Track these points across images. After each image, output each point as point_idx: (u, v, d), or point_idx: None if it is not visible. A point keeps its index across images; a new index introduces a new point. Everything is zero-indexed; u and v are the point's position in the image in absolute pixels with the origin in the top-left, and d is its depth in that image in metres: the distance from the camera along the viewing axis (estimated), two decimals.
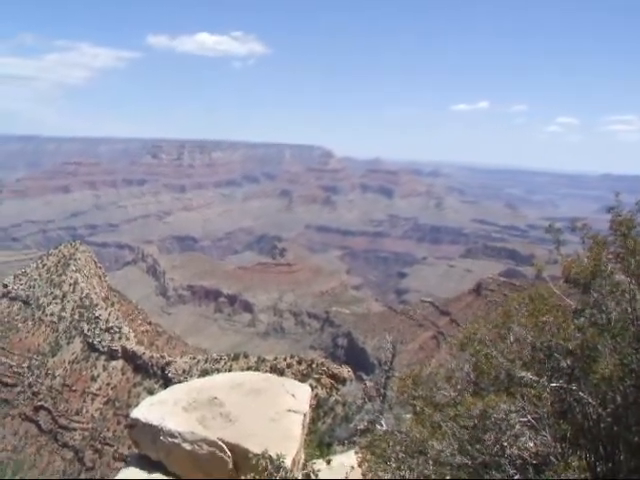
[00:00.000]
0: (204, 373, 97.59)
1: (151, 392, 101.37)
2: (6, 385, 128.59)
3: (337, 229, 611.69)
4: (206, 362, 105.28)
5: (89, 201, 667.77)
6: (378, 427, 12.46)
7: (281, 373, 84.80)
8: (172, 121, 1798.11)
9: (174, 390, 12.23)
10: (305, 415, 11.90)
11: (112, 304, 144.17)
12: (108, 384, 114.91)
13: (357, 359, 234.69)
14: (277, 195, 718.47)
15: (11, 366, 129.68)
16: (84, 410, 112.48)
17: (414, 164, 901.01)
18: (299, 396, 12.52)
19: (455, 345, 10.26)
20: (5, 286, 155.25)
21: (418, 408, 9.80)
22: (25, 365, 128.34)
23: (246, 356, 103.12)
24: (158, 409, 11.24)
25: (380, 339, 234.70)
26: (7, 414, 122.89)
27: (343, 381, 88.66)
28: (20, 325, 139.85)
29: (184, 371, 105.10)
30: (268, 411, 11.62)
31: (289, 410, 11.81)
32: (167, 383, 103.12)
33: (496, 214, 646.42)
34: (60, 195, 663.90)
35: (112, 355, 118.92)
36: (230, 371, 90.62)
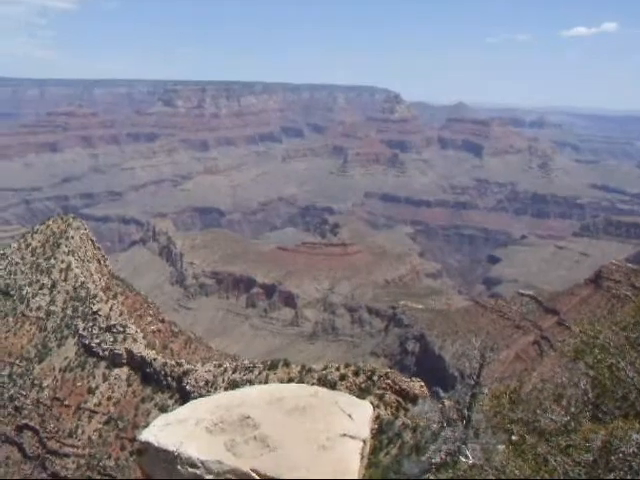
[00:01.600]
0: (232, 385, 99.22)
1: (164, 409, 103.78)
2: None
3: (407, 198, 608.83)
4: (235, 371, 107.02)
5: (84, 162, 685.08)
6: (461, 460, 12.40)
7: (332, 386, 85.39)
8: (190, 58, 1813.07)
9: (195, 406, 12.42)
10: (365, 442, 11.93)
11: (115, 296, 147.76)
12: (109, 398, 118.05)
13: (432, 370, 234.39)
14: (328, 153, 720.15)
15: None
16: (79, 431, 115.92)
17: (511, 111, 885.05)
18: (357, 417, 12.54)
19: (567, 353, 10.02)
20: None
21: (516, 435, 9.61)
22: (5, 373, 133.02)
23: (287, 364, 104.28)
24: (175, 431, 11.44)
25: (463, 344, 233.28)
26: None
27: (414, 399, 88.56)
28: None
29: (207, 382, 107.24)
30: (317, 435, 11.70)
31: (344, 435, 11.85)
32: (185, 398, 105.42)
33: (624, 178, 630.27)
34: (47, 155, 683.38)
35: (115, 361, 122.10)
36: (266, 383, 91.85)
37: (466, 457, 12.50)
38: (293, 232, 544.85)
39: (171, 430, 11.45)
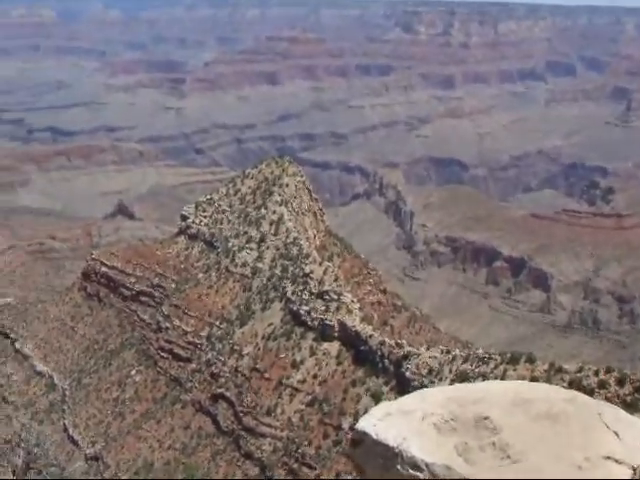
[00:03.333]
0: (461, 378, 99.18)
1: (376, 396, 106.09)
2: (178, 359, 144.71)
3: None
4: (466, 361, 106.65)
5: (305, 97, 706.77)
6: None
7: (588, 394, 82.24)
8: None
9: (423, 397, 12.52)
10: (635, 471, 11.42)
11: (330, 257, 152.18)
12: (315, 376, 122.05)
13: None
14: (606, 97, 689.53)
15: (185, 332, 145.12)
16: (278, 409, 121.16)
17: None
18: (626, 437, 11.99)
19: None
20: (184, 218, 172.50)
21: None
22: (204, 334, 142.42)
23: (531, 360, 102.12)
24: (398, 423, 11.60)
25: None
26: (177, 399, 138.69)
27: None
28: (201, 276, 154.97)
29: (430, 370, 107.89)
30: (571, 453, 11.30)
31: (608, 457, 11.34)
32: (403, 385, 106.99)
33: None
34: (263, 87, 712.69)
35: (325, 333, 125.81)
36: (503, 379, 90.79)
37: None
38: (552, 195, 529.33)
39: (393, 422, 11.63)
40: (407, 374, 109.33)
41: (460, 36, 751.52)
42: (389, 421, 11.79)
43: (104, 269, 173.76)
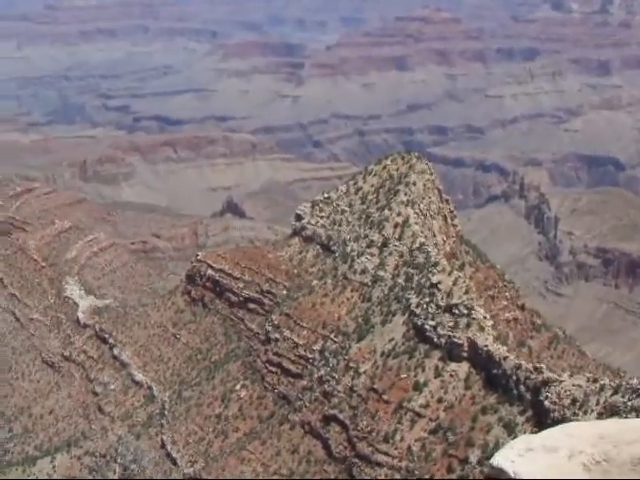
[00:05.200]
0: (611, 411, 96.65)
1: (510, 427, 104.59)
2: (288, 374, 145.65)
3: None
4: (617, 392, 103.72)
5: (437, 85, 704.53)
6: None
7: None
8: None
9: (569, 432, 12.25)
10: None
11: (461, 266, 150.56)
12: (440, 400, 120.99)
13: None
14: None
15: (296, 345, 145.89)
16: (397, 436, 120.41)
17: None
18: None
19: None
20: (298, 218, 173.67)
21: None
22: (317, 348, 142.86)
23: None
24: (540, 460, 11.38)
25: None
26: (285, 419, 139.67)
27: None
28: (315, 283, 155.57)
29: (574, 401, 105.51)
30: None
31: None
32: (541, 416, 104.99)
33: None
34: (391, 74, 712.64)
35: (452, 353, 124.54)
36: None
37: None
38: None
39: (534, 459, 11.42)
40: (546, 403, 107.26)
41: (621, 14, 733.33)
42: (530, 458, 11.58)
43: (210, 272, 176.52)
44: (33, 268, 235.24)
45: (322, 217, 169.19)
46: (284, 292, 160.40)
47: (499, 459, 11.64)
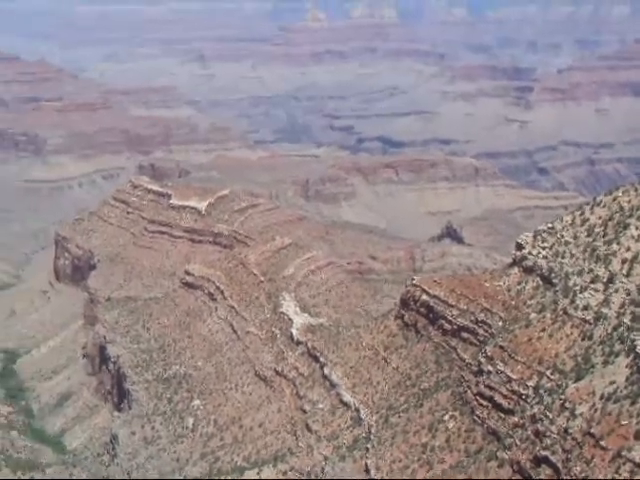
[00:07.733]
0: None
1: None
2: (499, 409, 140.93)
3: None
4: None
5: None
6: None
7: None
8: None
9: None
10: None
11: None
12: None
13: None
14: None
15: (510, 379, 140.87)
16: None
17: None
18: None
19: None
20: (519, 247, 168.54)
21: None
22: (531, 384, 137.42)
23: None
24: None
25: None
26: (494, 455, 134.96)
27: None
28: (533, 316, 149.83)
29: None
30: None
31: None
32: None
33: None
34: (626, 100, 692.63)
35: None
36: None
37: None
38: None
39: None
40: None
41: None
42: None
43: (425, 297, 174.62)
44: (252, 282, 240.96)
45: (544, 248, 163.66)
46: (500, 323, 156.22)
47: None
